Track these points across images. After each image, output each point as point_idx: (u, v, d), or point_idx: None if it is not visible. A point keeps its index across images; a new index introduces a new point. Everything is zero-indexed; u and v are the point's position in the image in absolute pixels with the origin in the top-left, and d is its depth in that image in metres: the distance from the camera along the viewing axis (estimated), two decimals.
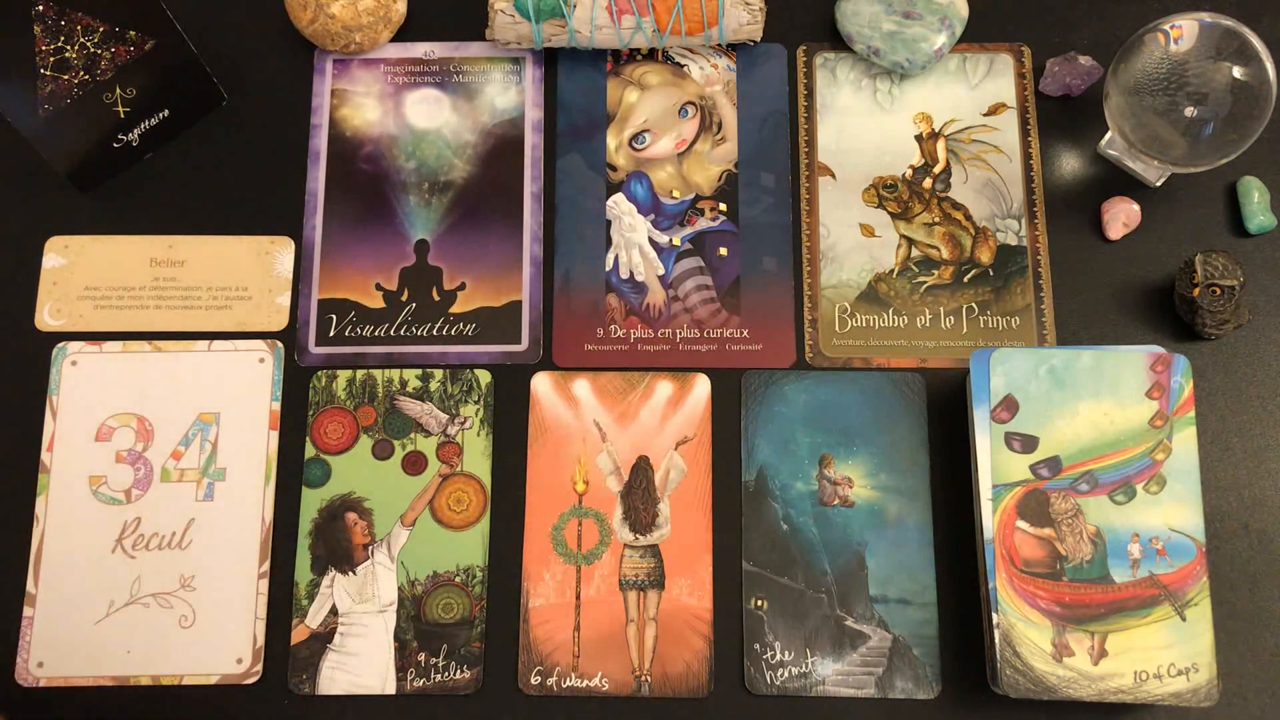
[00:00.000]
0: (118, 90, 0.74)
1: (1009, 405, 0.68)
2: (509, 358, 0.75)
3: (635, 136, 0.80)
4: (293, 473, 0.73)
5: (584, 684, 0.70)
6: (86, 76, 0.72)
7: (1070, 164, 0.79)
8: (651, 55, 0.81)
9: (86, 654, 0.70)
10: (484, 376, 0.75)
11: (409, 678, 0.70)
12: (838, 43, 0.81)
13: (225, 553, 0.72)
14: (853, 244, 0.77)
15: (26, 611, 0.71)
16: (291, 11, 0.79)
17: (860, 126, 0.80)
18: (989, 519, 0.67)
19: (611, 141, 0.79)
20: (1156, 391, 0.68)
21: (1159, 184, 0.78)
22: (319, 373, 0.75)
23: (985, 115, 0.80)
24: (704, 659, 0.70)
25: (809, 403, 0.74)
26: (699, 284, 0.77)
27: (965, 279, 0.77)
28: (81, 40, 0.71)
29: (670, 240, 0.77)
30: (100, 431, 0.74)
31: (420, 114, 0.80)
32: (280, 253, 0.77)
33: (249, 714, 0.70)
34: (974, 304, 0.76)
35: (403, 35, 0.82)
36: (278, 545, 0.72)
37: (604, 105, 0.80)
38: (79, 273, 0.77)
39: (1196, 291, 0.72)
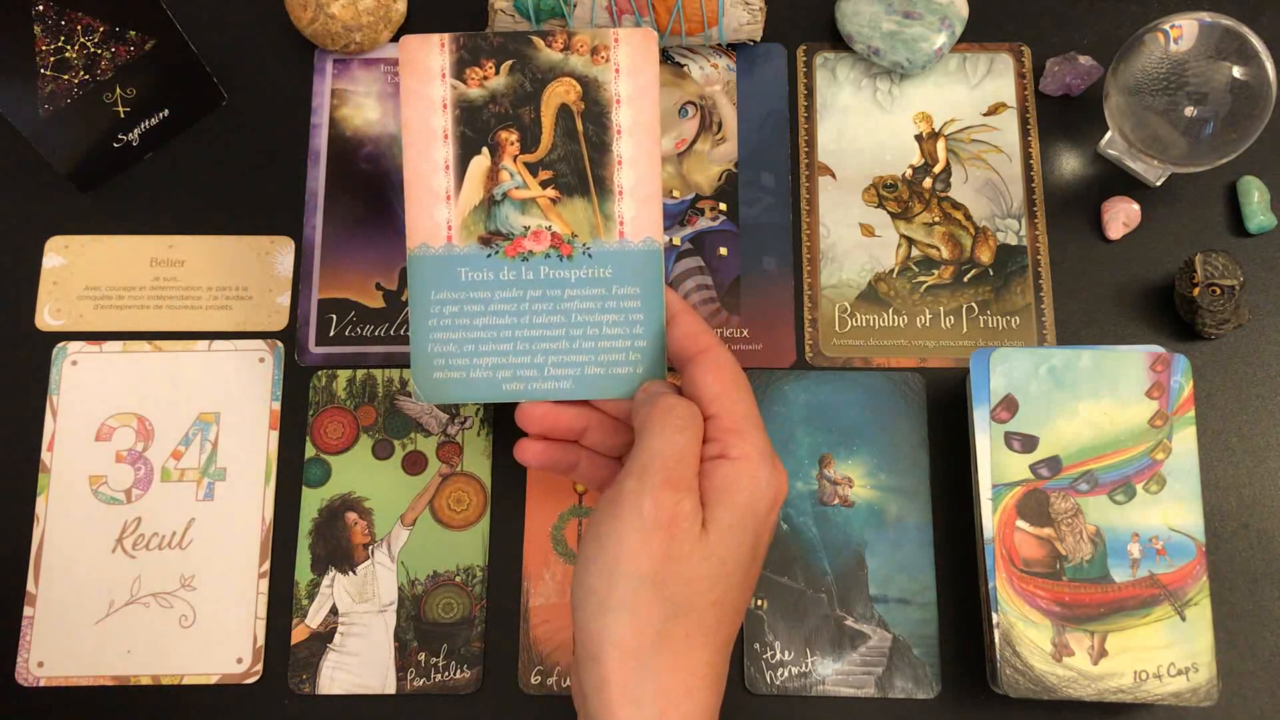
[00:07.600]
0: (118, 90, 0.74)
1: (1009, 405, 0.68)
2: None
3: None
4: (293, 473, 0.73)
5: None
6: (86, 76, 0.72)
7: (1070, 164, 0.79)
8: None
9: (86, 654, 0.70)
10: None
11: (409, 677, 0.70)
12: (838, 43, 0.81)
13: (225, 553, 0.72)
14: (853, 244, 0.77)
15: (26, 611, 0.71)
16: (291, 11, 0.79)
17: (860, 126, 0.80)
18: (989, 519, 0.67)
19: None
20: (1156, 391, 0.68)
21: (1159, 184, 0.78)
22: (319, 373, 0.75)
23: (985, 115, 0.80)
24: None
25: (809, 403, 0.74)
26: (699, 284, 0.77)
27: (965, 279, 0.77)
28: (81, 40, 0.71)
29: (670, 240, 0.77)
30: (100, 431, 0.74)
31: None
32: (280, 253, 0.77)
33: (249, 714, 0.70)
34: (974, 304, 0.76)
35: (403, 35, 0.81)
36: (278, 545, 0.72)
37: None
38: (79, 273, 0.77)
39: (1196, 291, 0.72)
